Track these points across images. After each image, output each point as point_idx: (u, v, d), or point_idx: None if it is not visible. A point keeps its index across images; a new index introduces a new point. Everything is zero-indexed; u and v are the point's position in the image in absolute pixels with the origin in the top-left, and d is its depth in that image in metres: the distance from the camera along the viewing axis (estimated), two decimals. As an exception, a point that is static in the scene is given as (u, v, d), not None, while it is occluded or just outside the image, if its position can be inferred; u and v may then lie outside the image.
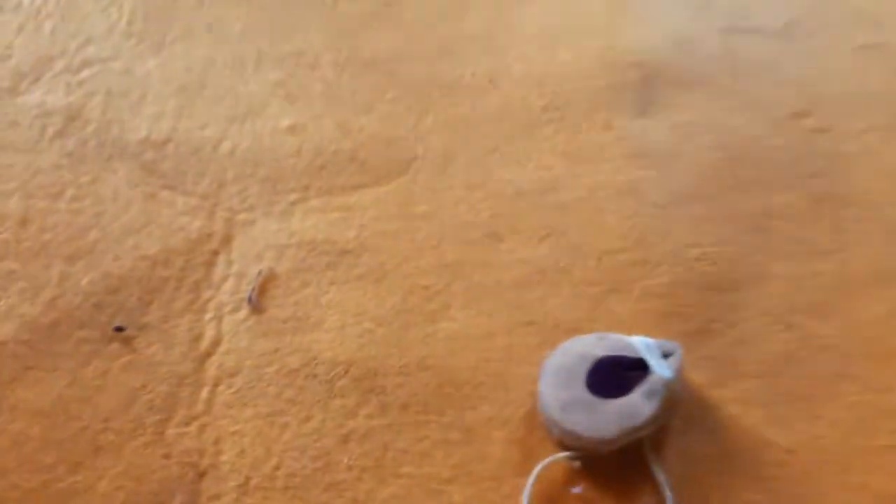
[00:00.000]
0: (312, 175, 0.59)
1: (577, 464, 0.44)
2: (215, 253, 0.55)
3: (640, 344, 0.45)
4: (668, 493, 0.43)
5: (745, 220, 0.55)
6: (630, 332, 0.50)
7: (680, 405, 0.46)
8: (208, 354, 0.50)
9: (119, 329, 0.50)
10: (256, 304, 0.52)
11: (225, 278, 0.53)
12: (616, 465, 0.44)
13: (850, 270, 0.52)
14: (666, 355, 0.45)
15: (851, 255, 0.53)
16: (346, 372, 0.48)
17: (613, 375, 0.45)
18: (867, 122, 0.58)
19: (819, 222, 0.54)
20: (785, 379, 0.47)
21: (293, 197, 0.58)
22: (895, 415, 0.46)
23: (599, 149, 0.59)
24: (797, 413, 0.46)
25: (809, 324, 0.50)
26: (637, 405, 0.43)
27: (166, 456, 0.46)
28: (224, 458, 0.45)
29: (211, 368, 0.49)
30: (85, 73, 0.64)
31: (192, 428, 0.47)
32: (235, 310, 0.52)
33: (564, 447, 0.44)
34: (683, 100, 0.60)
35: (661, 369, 0.44)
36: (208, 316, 0.51)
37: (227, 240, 0.55)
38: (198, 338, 0.50)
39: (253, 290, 0.52)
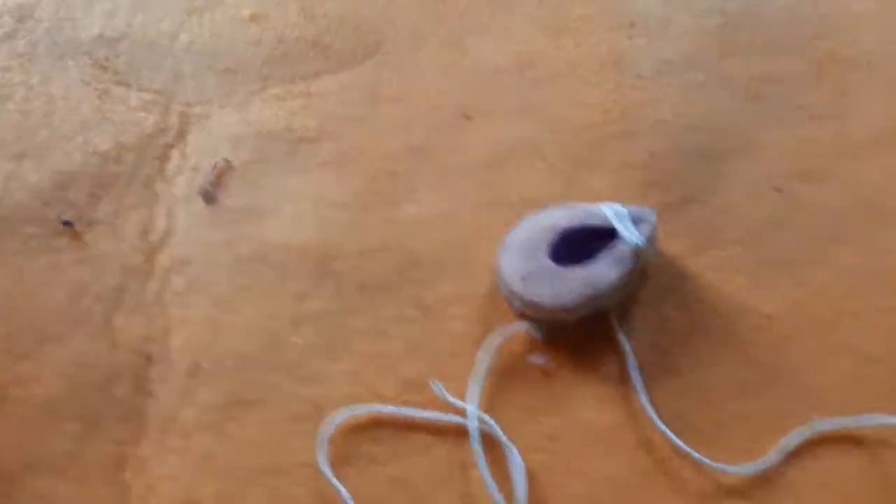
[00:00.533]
0: (274, 64, 0.62)
1: (538, 335, 0.47)
2: (169, 147, 0.58)
3: (609, 211, 0.48)
4: (631, 362, 0.45)
5: (740, 87, 0.57)
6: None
7: (651, 274, 0.48)
8: (159, 247, 0.53)
9: (67, 224, 0.54)
10: (211, 195, 0.55)
11: (179, 172, 0.57)
12: (581, 335, 0.47)
13: (850, 134, 0.54)
14: (638, 222, 0.47)
15: (852, 118, 0.54)
16: (302, 257, 0.52)
17: (580, 245, 0.47)
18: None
19: (819, 86, 0.56)
20: (771, 245, 0.50)
21: (252, 87, 0.61)
22: (891, 276, 0.48)
23: (583, 21, 0.61)
24: (781, 279, 0.48)
25: (802, 189, 0.52)
26: (602, 272, 0.46)
27: (113, 345, 0.50)
28: (173, 344, 0.49)
29: (161, 260, 0.53)
30: (34, -29, 0.68)
31: (141, 317, 0.51)
32: (188, 202, 0.55)
33: (527, 320, 0.47)
34: (675, -37, 0.62)
35: (630, 236, 0.46)
36: (160, 209, 0.55)
37: (182, 134, 0.59)
38: (148, 231, 0.54)
39: (209, 182, 0.56)
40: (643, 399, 0.44)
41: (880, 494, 0.41)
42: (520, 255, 0.48)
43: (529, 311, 0.47)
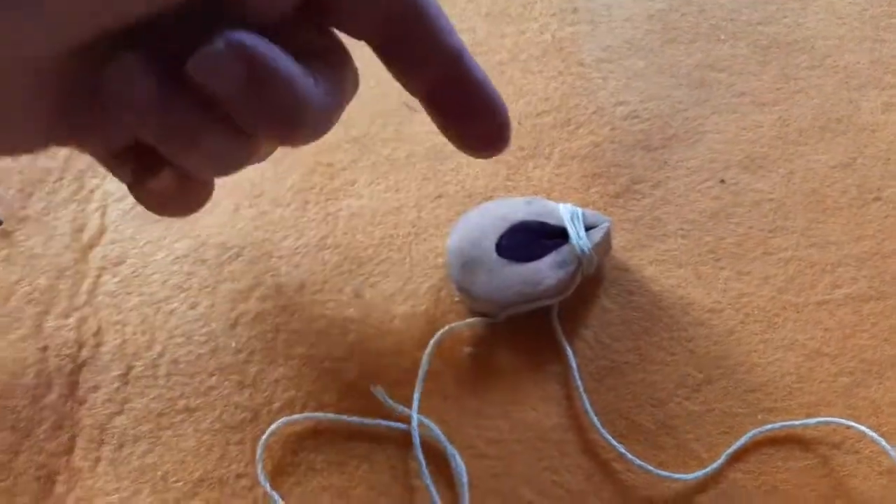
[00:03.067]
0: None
1: (481, 329, 0.45)
2: (101, 139, 0.55)
3: (565, 212, 0.46)
4: (572, 361, 0.44)
5: (683, 74, 0.55)
6: (549, 197, 0.50)
7: (596, 276, 0.47)
8: (91, 245, 0.51)
9: (-5, 223, 0.51)
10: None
11: (112, 166, 0.54)
12: (525, 332, 0.45)
13: (795, 121, 0.52)
14: (590, 227, 0.45)
15: (797, 105, 0.53)
16: (238, 255, 0.49)
17: (529, 241, 0.45)
18: (819, -41, 0.58)
19: (764, 73, 0.54)
20: (713, 237, 0.48)
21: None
22: (834, 270, 0.47)
23: (525, 7, 0.59)
24: (724, 271, 0.47)
25: (744, 178, 0.50)
26: (543, 273, 0.44)
27: (43, 349, 0.47)
28: (105, 348, 0.47)
29: (94, 259, 0.50)
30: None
31: (73, 320, 0.48)
32: (121, 199, 0.52)
33: (471, 313, 0.45)
34: (616, -54, 0.60)
35: (578, 240, 0.44)
36: (93, 206, 0.52)
37: (114, 125, 0.56)
38: (81, 229, 0.51)
39: (142, 176, 0.53)
40: (586, 404, 0.42)
41: (828, 498, 0.40)
42: (467, 240, 0.46)
43: (464, 300, 0.45)
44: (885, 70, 0.54)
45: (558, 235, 0.45)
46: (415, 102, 0.35)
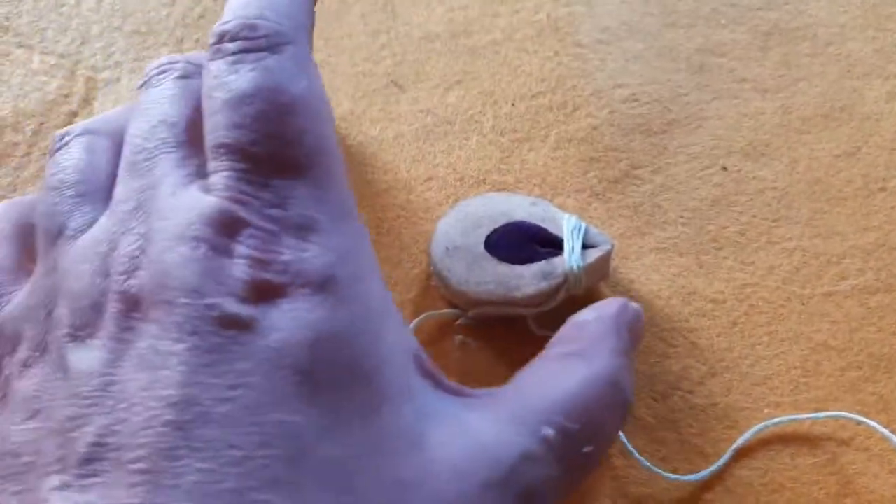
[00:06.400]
0: (188, 27, 0.56)
1: (465, 320, 0.42)
2: (73, 115, 0.52)
3: (567, 223, 0.42)
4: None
5: (683, 58, 0.53)
6: (544, 181, 0.48)
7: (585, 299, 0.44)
8: (62, 223, 0.47)
9: (-42, 198, 0.48)
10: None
11: (85, 141, 0.51)
12: (521, 322, 0.43)
13: (798, 109, 0.50)
14: (589, 246, 0.42)
15: (800, 92, 0.51)
16: (218, 236, 0.46)
17: (523, 244, 0.42)
18: (823, -56, 0.56)
19: (766, 59, 0.52)
20: (715, 225, 0.46)
21: (165, 51, 0.55)
22: (840, 261, 0.45)
23: (519, -14, 0.56)
24: (727, 261, 0.45)
25: (747, 166, 0.48)
26: (523, 279, 0.41)
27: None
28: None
29: (64, 238, 0.47)
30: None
31: (39, 302, 0.45)
32: (95, 175, 0.49)
33: (445, 302, 0.43)
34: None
35: (570, 256, 0.41)
36: (64, 182, 0.49)
37: (87, 100, 0.53)
38: (50, 206, 0.48)
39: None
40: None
41: (837, 497, 0.38)
42: (459, 227, 0.43)
43: (435, 283, 0.43)
44: (889, 59, 0.52)
45: (554, 245, 0.42)
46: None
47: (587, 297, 0.42)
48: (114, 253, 0.28)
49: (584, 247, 0.42)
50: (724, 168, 0.48)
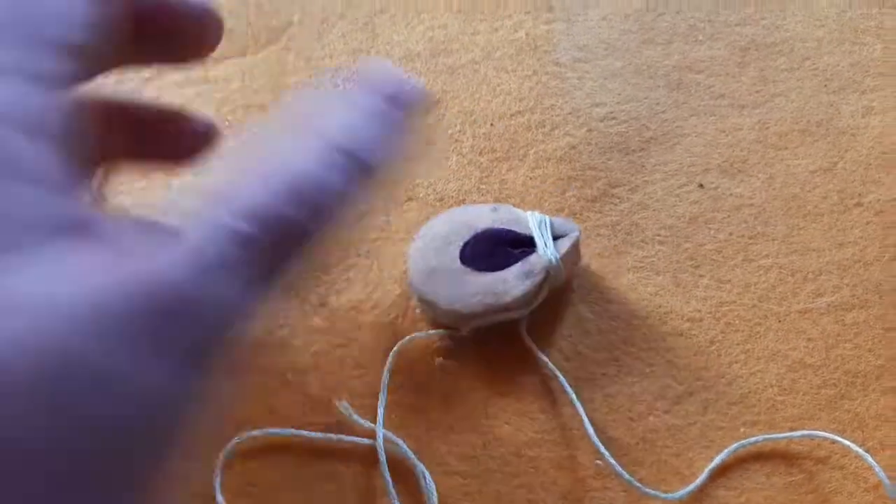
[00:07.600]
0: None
1: (446, 342, 0.43)
2: (56, 138, 0.52)
3: (532, 220, 0.43)
4: (556, 372, 0.41)
5: (661, 75, 0.53)
6: (523, 201, 0.48)
7: (564, 288, 0.44)
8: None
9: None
10: (97, 194, 0.49)
11: (67, 165, 0.51)
12: (497, 342, 0.43)
13: (775, 124, 0.50)
14: (559, 236, 0.43)
15: (776, 108, 0.51)
16: (199, 260, 0.47)
17: (495, 250, 0.43)
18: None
19: (743, 75, 0.53)
20: (692, 243, 0.46)
21: (147, 73, 0.55)
22: (816, 277, 0.45)
23: (498, 4, 0.57)
24: (703, 279, 0.45)
25: (724, 183, 0.48)
26: (508, 283, 0.42)
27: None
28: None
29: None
30: None
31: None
32: (77, 199, 0.49)
33: (434, 325, 0.43)
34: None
35: (545, 251, 0.42)
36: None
37: (69, 123, 0.53)
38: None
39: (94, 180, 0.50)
40: (580, 410, 0.40)
41: (812, 517, 0.38)
42: (430, 249, 0.43)
43: (423, 309, 0.43)
44: (865, 73, 0.52)
45: (525, 244, 0.43)
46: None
47: (566, 288, 0.44)
48: None
49: (554, 238, 0.43)
50: (701, 185, 0.48)
